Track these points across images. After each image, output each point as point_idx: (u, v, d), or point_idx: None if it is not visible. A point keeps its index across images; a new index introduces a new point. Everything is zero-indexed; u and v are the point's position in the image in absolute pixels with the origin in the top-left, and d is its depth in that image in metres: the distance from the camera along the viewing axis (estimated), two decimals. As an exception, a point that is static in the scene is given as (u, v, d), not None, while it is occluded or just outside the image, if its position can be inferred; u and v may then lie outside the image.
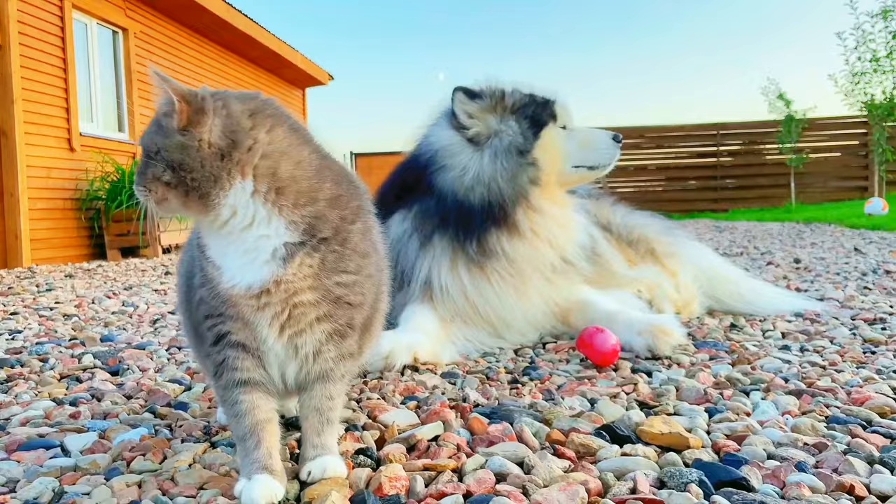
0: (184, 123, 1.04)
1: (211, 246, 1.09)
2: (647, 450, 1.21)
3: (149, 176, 1.04)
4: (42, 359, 2.13)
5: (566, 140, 2.23)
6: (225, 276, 1.06)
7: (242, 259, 1.06)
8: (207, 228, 1.08)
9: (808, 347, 1.98)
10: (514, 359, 1.99)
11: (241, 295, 1.06)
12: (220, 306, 1.07)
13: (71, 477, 1.18)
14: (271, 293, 1.06)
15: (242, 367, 1.08)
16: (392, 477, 1.11)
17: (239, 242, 1.06)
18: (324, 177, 1.11)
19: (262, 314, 1.07)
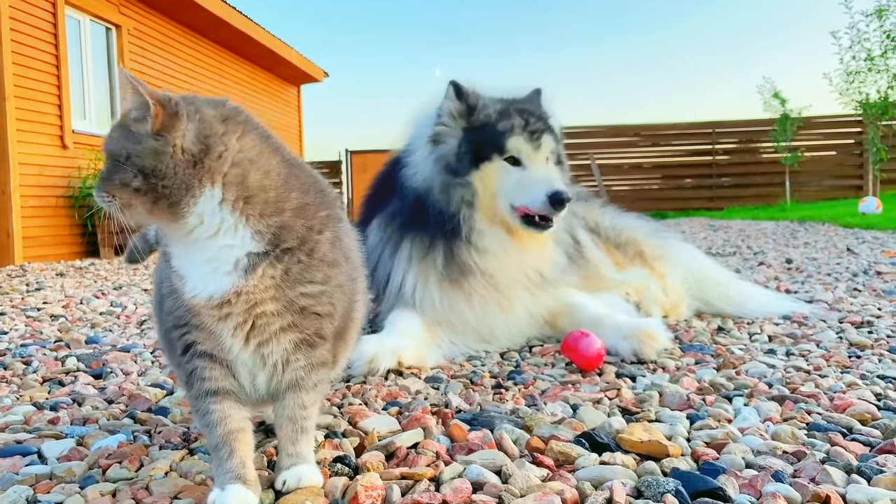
0: (157, 128, 1.03)
1: (175, 255, 1.08)
2: (626, 458, 1.20)
3: (115, 182, 1.02)
4: (25, 361, 2.11)
5: (506, 178, 2.09)
6: (188, 285, 1.05)
7: (204, 268, 1.05)
8: (172, 237, 1.07)
9: (794, 351, 1.97)
10: (499, 362, 1.99)
11: (202, 305, 1.05)
12: (185, 315, 1.07)
13: (46, 485, 1.17)
14: (232, 303, 1.05)
15: (212, 377, 1.08)
16: (368, 486, 1.10)
17: (202, 251, 1.05)
18: (291, 186, 1.10)
19: (225, 324, 1.06)
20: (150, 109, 1.02)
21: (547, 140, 2.15)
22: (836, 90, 12.76)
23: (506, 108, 2.16)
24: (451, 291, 2.10)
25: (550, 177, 2.10)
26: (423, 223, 2.12)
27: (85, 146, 7.44)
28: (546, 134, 2.15)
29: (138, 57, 8.58)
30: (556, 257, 2.22)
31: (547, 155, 2.16)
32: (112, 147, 1.04)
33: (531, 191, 2.05)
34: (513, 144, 2.11)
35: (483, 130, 2.12)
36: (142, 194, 1.01)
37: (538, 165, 2.12)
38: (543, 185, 2.05)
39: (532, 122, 2.14)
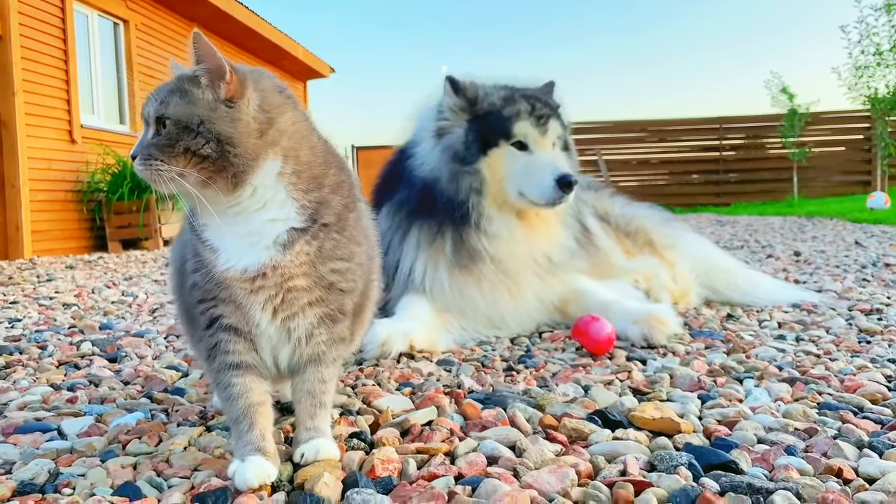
0: (231, 94, 1.03)
1: (211, 227, 1.07)
2: (639, 434, 1.22)
3: (177, 148, 0.99)
4: (41, 346, 2.14)
5: (513, 163, 2.10)
6: (221, 258, 1.06)
7: (242, 241, 1.05)
8: (216, 208, 1.04)
9: (804, 337, 1.98)
10: (509, 347, 2.00)
11: (235, 278, 1.06)
12: (214, 289, 1.07)
13: (67, 459, 1.19)
14: (267, 277, 1.06)
15: (235, 351, 1.09)
16: (385, 459, 1.11)
17: (244, 224, 1.05)
18: (329, 163, 1.12)
19: (255, 297, 1.07)
20: (226, 75, 1.02)
21: (554, 125, 2.15)
22: (845, 85, 12.73)
23: (510, 95, 2.18)
24: (460, 277, 2.11)
25: (557, 161, 2.11)
26: (430, 211, 2.14)
27: (93, 140, 7.48)
28: (553, 119, 2.16)
29: (145, 52, 8.61)
30: (565, 242, 2.23)
31: (554, 140, 2.16)
32: (176, 112, 1.01)
33: (539, 175, 2.06)
34: (519, 129, 2.11)
35: (489, 118, 2.13)
36: (209, 162, 1.00)
37: (545, 150, 2.13)
38: (550, 169, 2.06)
39: (538, 108, 2.15)
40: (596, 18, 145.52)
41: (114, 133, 8.01)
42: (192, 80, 1.03)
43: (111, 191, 7.29)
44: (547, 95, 2.26)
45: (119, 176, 7.33)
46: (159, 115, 1.02)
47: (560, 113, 2.22)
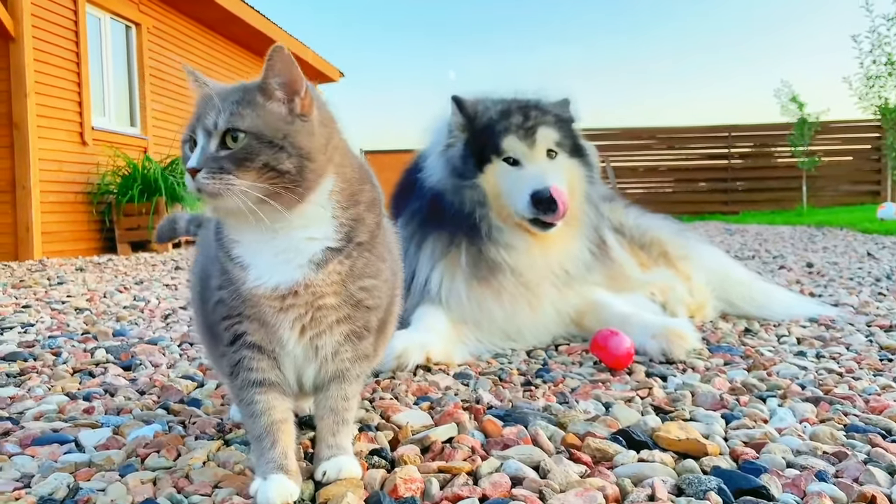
0: (305, 109, 1.01)
1: (243, 244, 1.05)
2: (665, 456, 1.20)
3: (257, 163, 0.96)
4: (55, 353, 2.13)
5: (506, 179, 2.08)
6: (251, 275, 1.04)
7: (276, 259, 1.03)
8: (258, 225, 1.01)
9: (824, 354, 1.96)
10: (526, 360, 1.98)
11: (265, 296, 1.04)
12: (240, 307, 1.06)
13: (85, 473, 1.18)
14: (298, 296, 1.04)
15: (258, 368, 1.08)
16: (407, 479, 1.10)
17: (280, 241, 1.03)
18: (364, 178, 1.11)
19: (284, 316, 1.06)
20: (302, 90, 1.01)
21: (544, 134, 2.12)
22: (856, 94, 12.67)
23: (507, 108, 2.16)
24: (479, 290, 2.09)
25: (543, 174, 2.05)
26: (442, 221, 2.13)
27: (104, 143, 7.51)
28: (543, 127, 2.12)
29: (156, 55, 8.65)
30: (581, 254, 2.20)
31: (547, 149, 2.13)
32: (256, 125, 0.97)
33: (517, 191, 2.04)
34: (507, 145, 2.10)
35: (483, 133, 2.14)
36: (287, 177, 0.97)
37: (534, 163, 2.10)
38: (527, 185, 2.02)
39: (528, 119, 2.12)
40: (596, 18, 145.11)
41: (124, 135, 8.04)
42: (265, 93, 1.01)
43: (121, 193, 7.31)
44: (543, 101, 2.22)
45: (129, 178, 7.36)
46: (231, 128, 0.98)
47: (557, 118, 2.17)
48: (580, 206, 2.21)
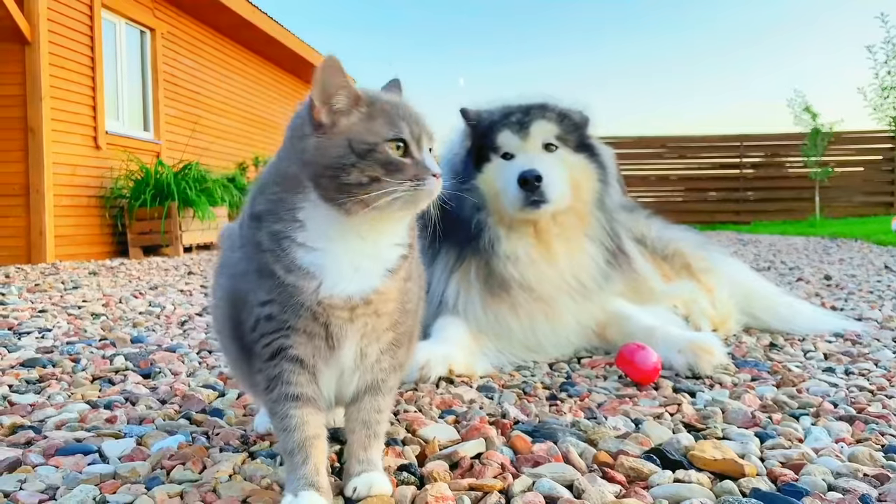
0: None
1: (320, 252, 1.02)
2: (701, 476, 1.17)
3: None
4: (73, 359, 2.12)
5: (501, 175, 2.06)
6: (325, 284, 1.02)
7: (358, 266, 1.04)
8: (350, 232, 1.03)
9: (853, 370, 1.92)
10: (549, 373, 1.96)
11: (336, 305, 1.03)
12: (291, 319, 1.03)
13: (111, 485, 1.16)
14: (370, 304, 1.05)
15: (297, 382, 1.05)
16: (438, 496, 1.08)
17: (367, 248, 1.04)
18: None
19: (352, 325, 1.05)
20: None
21: (540, 127, 2.10)
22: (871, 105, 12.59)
23: (510, 110, 2.16)
24: (493, 304, 2.06)
25: (531, 162, 2.03)
26: (449, 231, 2.10)
27: (118, 147, 7.54)
28: (540, 121, 2.10)
29: (171, 60, 8.69)
30: (593, 263, 2.14)
31: (544, 143, 2.10)
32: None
33: (506, 180, 2.03)
34: (502, 140, 2.10)
35: (483, 134, 2.15)
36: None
37: (526, 154, 2.08)
38: (516, 170, 2.01)
39: (527, 115, 2.11)
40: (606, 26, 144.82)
41: (138, 140, 8.07)
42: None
43: (134, 197, 7.33)
44: (545, 101, 2.20)
45: (142, 182, 7.38)
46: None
47: (554, 116, 2.13)
48: (588, 206, 2.16)
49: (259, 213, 1.05)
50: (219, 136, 9.75)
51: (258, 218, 1.05)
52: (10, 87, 6.48)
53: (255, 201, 1.07)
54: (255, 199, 1.08)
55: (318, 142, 1.00)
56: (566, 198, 2.08)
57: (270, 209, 1.04)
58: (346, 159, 0.99)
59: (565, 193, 2.08)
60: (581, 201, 2.14)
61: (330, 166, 0.99)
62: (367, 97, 1.03)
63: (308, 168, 1.01)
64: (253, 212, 1.07)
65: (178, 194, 7.31)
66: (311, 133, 1.01)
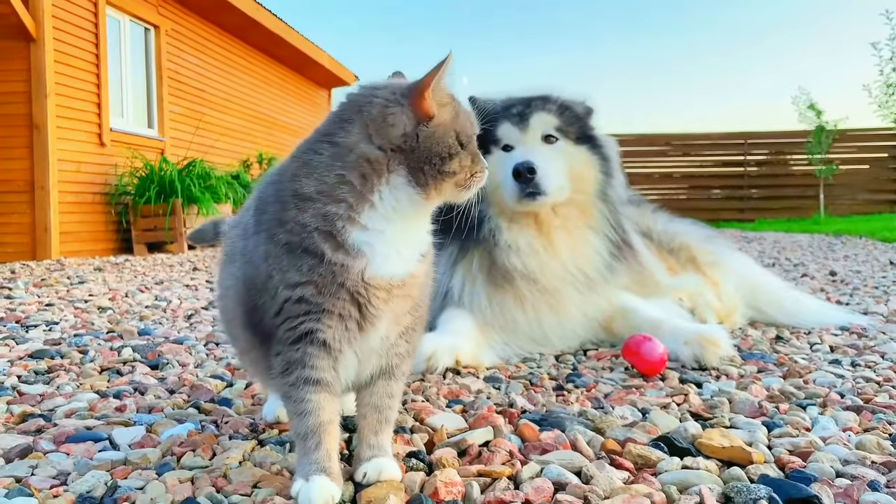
0: None
1: (380, 232, 1.05)
2: (709, 463, 1.17)
3: None
4: (81, 351, 2.13)
5: (501, 167, 2.05)
6: (373, 264, 1.05)
7: (401, 248, 1.08)
8: (411, 211, 1.07)
9: (860, 362, 1.92)
10: (555, 365, 1.96)
11: (379, 286, 1.06)
12: (326, 301, 1.04)
13: (122, 471, 1.17)
14: (405, 286, 1.09)
15: (318, 367, 1.06)
16: (448, 482, 1.08)
17: (410, 231, 1.09)
18: None
19: (386, 307, 1.08)
20: None
21: (540, 119, 2.10)
22: (876, 102, 12.55)
23: (512, 101, 2.16)
24: (498, 296, 2.07)
25: (523, 154, 2.03)
26: (451, 223, 2.11)
27: (122, 144, 7.55)
28: (540, 113, 2.10)
29: (175, 57, 8.70)
30: (598, 254, 2.14)
31: (543, 134, 2.10)
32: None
33: (505, 176, 2.03)
34: (502, 132, 2.11)
35: (484, 127, 2.12)
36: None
37: (525, 146, 2.08)
38: (511, 162, 2.01)
39: (528, 107, 2.11)
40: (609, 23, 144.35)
41: (142, 137, 8.08)
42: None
43: (138, 194, 7.35)
44: (549, 93, 2.20)
45: (146, 179, 7.40)
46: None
47: (555, 108, 2.13)
48: (590, 197, 2.15)
49: (307, 194, 1.05)
50: (223, 134, 9.77)
51: (307, 199, 1.05)
52: (16, 83, 6.50)
53: (301, 183, 1.06)
54: (295, 181, 1.06)
55: (429, 131, 1.06)
56: (565, 190, 2.09)
57: (325, 190, 1.04)
58: (454, 149, 1.07)
59: (564, 186, 2.08)
60: (582, 193, 2.14)
61: (438, 154, 1.06)
62: (451, 94, 1.11)
63: (409, 154, 1.05)
64: (300, 192, 1.05)
65: (183, 191, 7.32)
66: (412, 122, 1.06)
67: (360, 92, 1.11)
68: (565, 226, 2.12)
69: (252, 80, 10.85)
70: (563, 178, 2.08)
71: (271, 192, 1.09)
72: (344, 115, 1.08)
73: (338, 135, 1.06)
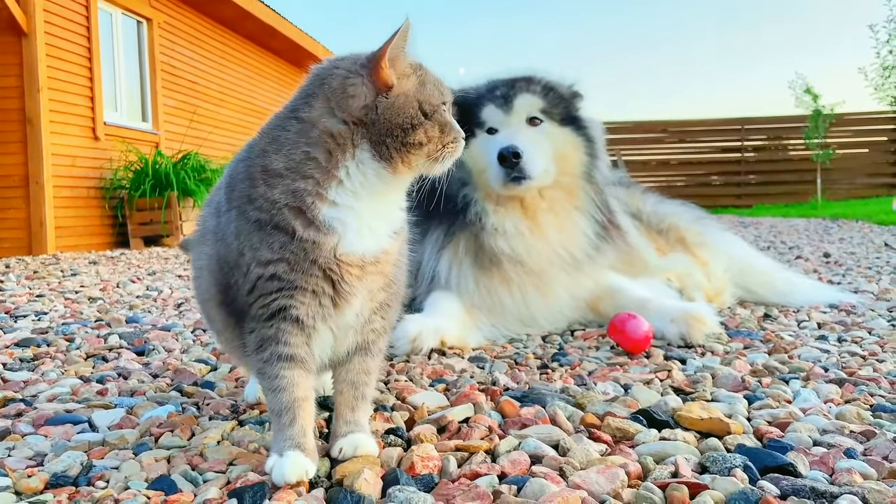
0: None
1: (349, 208, 1.04)
2: (687, 435, 1.17)
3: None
4: (68, 339, 2.13)
5: (485, 150, 2.05)
6: (345, 240, 1.04)
7: (372, 225, 1.07)
8: (381, 187, 1.06)
9: (846, 338, 1.92)
10: (542, 345, 1.96)
11: (351, 263, 1.05)
12: (298, 279, 1.03)
13: (99, 451, 1.17)
14: (379, 263, 1.08)
15: (291, 343, 1.05)
16: (424, 456, 1.08)
17: (382, 208, 1.08)
18: None
19: (360, 283, 1.08)
20: None
21: (524, 101, 2.09)
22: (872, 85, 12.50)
23: (495, 83, 2.15)
24: (485, 279, 2.06)
25: (507, 137, 2.02)
26: (437, 207, 2.10)
27: (116, 138, 7.52)
28: (524, 94, 2.09)
29: (168, 50, 8.66)
30: (583, 236, 2.13)
31: (528, 117, 2.09)
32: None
33: (488, 156, 2.02)
34: (486, 114, 2.10)
35: (468, 110, 2.13)
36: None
37: (509, 129, 2.07)
38: (496, 146, 2.00)
39: (512, 89, 2.10)
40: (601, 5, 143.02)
41: (136, 130, 8.05)
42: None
43: (133, 188, 7.33)
44: (533, 74, 2.18)
45: (141, 173, 7.37)
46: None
47: (539, 89, 2.12)
48: (575, 178, 2.15)
49: (276, 170, 1.03)
50: (217, 126, 9.73)
51: (276, 175, 1.03)
52: (8, 78, 6.46)
53: (270, 159, 1.04)
54: (264, 157, 1.05)
55: (388, 102, 1.03)
56: (550, 173, 2.08)
57: (292, 167, 1.03)
58: (416, 119, 1.04)
59: (549, 169, 2.07)
60: (568, 175, 2.13)
61: (400, 125, 1.03)
62: (416, 63, 1.08)
63: (370, 127, 1.03)
64: (269, 168, 1.04)
65: (178, 184, 7.30)
66: (371, 93, 1.03)
67: (323, 65, 1.10)
68: (552, 208, 2.12)
69: (247, 72, 10.81)
70: (549, 161, 2.07)
71: (241, 169, 1.08)
72: (308, 89, 1.07)
73: (302, 110, 1.06)
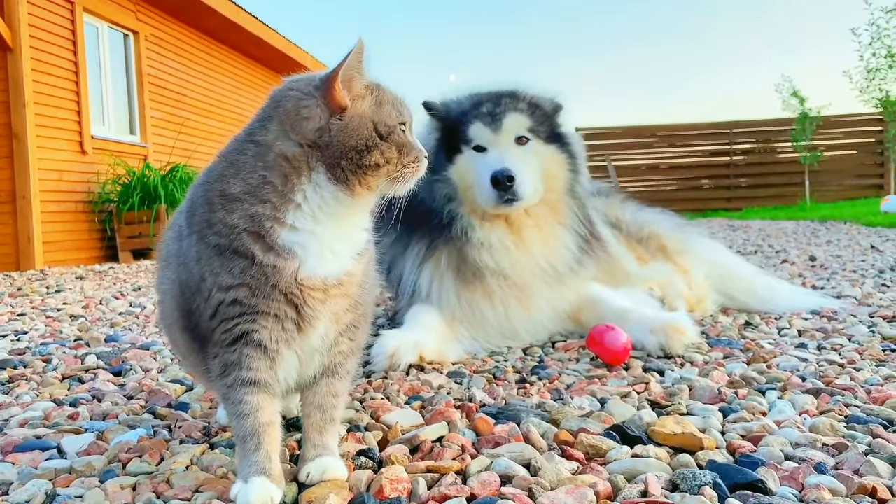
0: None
1: (309, 232, 1.03)
2: (659, 451, 1.16)
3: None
4: (45, 360, 2.11)
5: (473, 168, 2.06)
6: (306, 264, 1.03)
7: (333, 248, 1.05)
8: (345, 206, 1.04)
9: (826, 345, 1.92)
10: (522, 358, 1.95)
11: (312, 287, 1.04)
12: (260, 303, 1.02)
13: (65, 479, 1.15)
14: (342, 286, 1.07)
15: (255, 367, 1.04)
16: (393, 479, 1.07)
17: (347, 229, 1.07)
18: None
19: (323, 307, 1.06)
20: None
21: (512, 120, 2.08)
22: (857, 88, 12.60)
23: (480, 99, 2.15)
24: (467, 292, 2.06)
25: (503, 157, 2.02)
26: (420, 221, 2.11)
27: (104, 151, 7.50)
28: (512, 113, 2.09)
29: (155, 62, 8.64)
30: (567, 248, 2.13)
31: (516, 136, 2.09)
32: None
33: (480, 176, 2.02)
34: (474, 132, 2.09)
35: (454, 125, 2.14)
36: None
37: (498, 148, 2.07)
38: (488, 167, 2.00)
39: (499, 106, 2.10)
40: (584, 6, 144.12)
41: (124, 144, 8.03)
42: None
43: (121, 201, 7.30)
44: (517, 89, 2.18)
45: (129, 186, 7.35)
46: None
47: (526, 107, 2.12)
48: (560, 195, 2.15)
49: (234, 194, 1.02)
50: (206, 138, 9.71)
51: (234, 199, 1.02)
52: (-7, 93, 6.44)
53: (228, 183, 1.04)
54: (222, 181, 1.04)
55: (342, 124, 1.02)
56: (539, 192, 2.09)
57: (250, 191, 1.02)
58: (371, 141, 1.02)
59: (538, 188, 2.08)
60: (553, 191, 2.14)
61: (354, 147, 1.02)
62: (373, 83, 1.07)
63: (325, 150, 1.02)
64: (227, 193, 1.03)
65: (166, 197, 7.28)
66: (325, 115, 1.02)
67: (280, 87, 1.09)
68: (537, 224, 2.12)
69: (234, 83, 10.80)
70: (538, 180, 2.08)
71: (201, 194, 1.07)
72: (265, 112, 1.07)
73: (258, 133, 1.05)
